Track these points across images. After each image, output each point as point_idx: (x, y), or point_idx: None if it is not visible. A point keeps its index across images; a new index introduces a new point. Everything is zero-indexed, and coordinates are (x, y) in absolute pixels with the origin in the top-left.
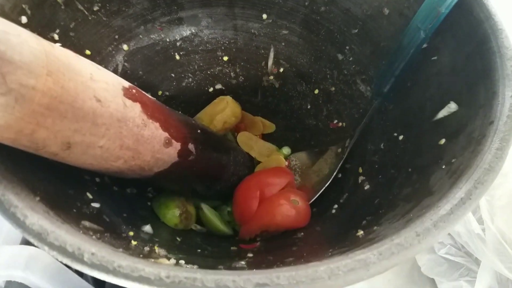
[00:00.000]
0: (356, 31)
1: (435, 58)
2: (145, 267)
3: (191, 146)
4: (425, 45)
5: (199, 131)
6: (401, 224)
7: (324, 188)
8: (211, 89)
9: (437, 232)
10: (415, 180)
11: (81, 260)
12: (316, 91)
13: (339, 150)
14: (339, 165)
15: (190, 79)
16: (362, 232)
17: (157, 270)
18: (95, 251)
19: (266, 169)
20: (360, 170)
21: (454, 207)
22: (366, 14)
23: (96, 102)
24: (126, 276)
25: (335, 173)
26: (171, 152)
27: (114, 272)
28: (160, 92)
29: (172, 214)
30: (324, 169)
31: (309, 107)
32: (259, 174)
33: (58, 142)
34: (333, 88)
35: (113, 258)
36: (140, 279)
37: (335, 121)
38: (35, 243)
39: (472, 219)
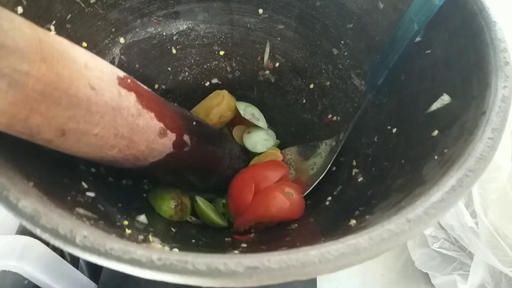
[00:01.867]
0: (351, 25)
1: (429, 51)
2: (137, 250)
3: (186, 138)
4: (419, 39)
5: (194, 123)
6: (392, 212)
7: (318, 181)
8: (207, 84)
9: (428, 218)
10: (408, 171)
11: (73, 243)
12: (312, 86)
13: (333, 143)
14: (333, 158)
15: (187, 73)
16: (354, 221)
17: (148, 253)
18: (87, 234)
19: (262, 163)
20: (354, 163)
21: (445, 194)
22: (361, 9)
23: (91, 90)
24: (118, 259)
25: (329, 166)
26: (166, 143)
27: (106, 255)
28: (156, 86)
29: (168, 205)
30: (318, 162)
31: (304, 101)
32: (255, 167)
33: (52, 129)
34: (328, 83)
35: (105, 241)
36: (132, 262)
37: (330, 116)
38: (28, 226)
39: (466, 213)
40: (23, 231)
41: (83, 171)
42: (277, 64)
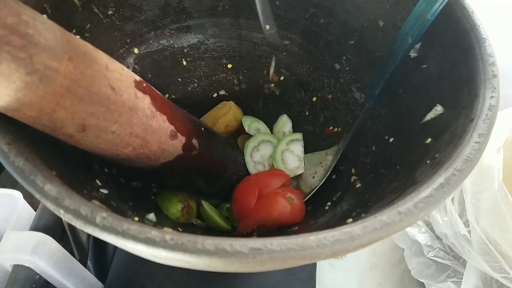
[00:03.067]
0: (352, 42)
1: (425, 66)
2: (152, 230)
3: (195, 142)
4: (415, 55)
5: (203, 129)
6: (386, 208)
7: (318, 186)
8: (215, 95)
9: (418, 211)
10: (402, 176)
11: (93, 223)
12: (314, 99)
13: (333, 153)
14: (332, 166)
15: (196, 84)
16: (351, 219)
17: (162, 233)
18: (106, 215)
19: (265, 171)
20: (353, 171)
21: (434, 191)
22: (363, 26)
23: (110, 89)
24: (134, 238)
25: (328, 174)
26: (176, 145)
27: (123, 234)
28: (167, 95)
29: (175, 207)
30: (319, 171)
31: (307, 113)
32: (258, 175)
33: (74, 124)
34: (330, 96)
35: (122, 222)
36: (147, 241)
37: (331, 127)
38: (52, 208)
39: (459, 222)
40: (36, 228)
41: (97, 170)
42: (282, 78)
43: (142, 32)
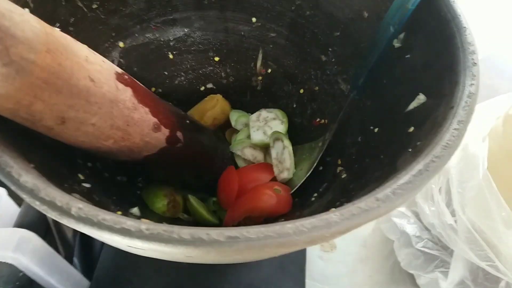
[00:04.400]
0: (338, 33)
1: (409, 56)
2: (127, 221)
3: (179, 134)
4: (399, 45)
5: (188, 121)
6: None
7: (305, 178)
8: (202, 88)
9: (395, 198)
10: (385, 165)
11: (68, 214)
12: (302, 91)
13: (320, 144)
14: (319, 157)
15: (183, 78)
16: (333, 209)
17: (137, 224)
18: (82, 206)
19: (252, 165)
20: (339, 162)
21: (412, 177)
22: (348, 18)
23: (90, 81)
24: (109, 228)
25: (315, 165)
26: (160, 137)
27: (99, 224)
28: (153, 89)
29: (160, 202)
30: (306, 163)
31: (295, 106)
32: (245, 168)
33: (53, 116)
34: (316, 88)
35: (98, 212)
36: (122, 231)
37: (318, 119)
38: (28, 199)
39: (446, 211)
40: (20, 225)
41: (80, 164)
42: (269, 70)
43: (128, 26)
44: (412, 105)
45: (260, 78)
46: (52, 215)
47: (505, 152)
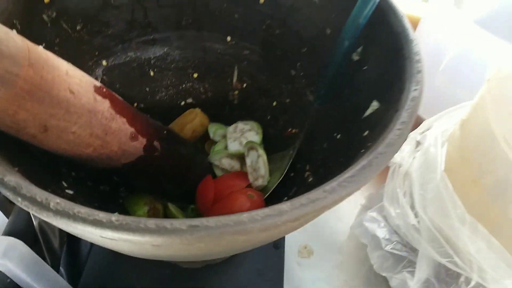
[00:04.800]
0: (305, 50)
1: (366, 67)
2: (100, 213)
3: (156, 143)
4: (358, 58)
5: (165, 132)
6: None
7: (276, 184)
8: (182, 103)
9: (341, 189)
10: (343, 166)
11: (47, 208)
12: (274, 103)
13: (290, 152)
14: (289, 165)
15: (163, 93)
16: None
17: (108, 216)
18: (59, 201)
19: (229, 173)
20: (308, 167)
21: (356, 171)
22: (313, 35)
23: (70, 93)
24: (83, 220)
25: (286, 172)
26: (137, 146)
27: (74, 217)
28: (135, 104)
29: (141, 209)
30: (279, 170)
31: (269, 117)
32: (222, 177)
33: (36, 124)
34: (288, 100)
35: (74, 206)
36: (95, 222)
37: (289, 129)
38: (10, 197)
39: (410, 213)
40: (8, 234)
41: (64, 173)
42: (244, 85)
43: (110, 46)
44: (368, 112)
45: (236, 92)
46: (32, 210)
47: (461, 155)
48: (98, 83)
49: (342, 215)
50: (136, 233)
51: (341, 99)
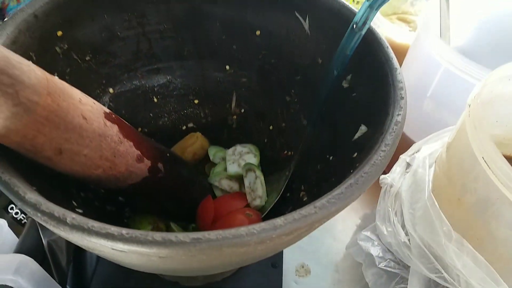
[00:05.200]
0: (299, 77)
1: (355, 94)
2: (112, 227)
3: (160, 165)
4: (347, 85)
5: (168, 154)
6: None
7: (273, 203)
8: (184, 127)
9: (330, 206)
10: (334, 185)
11: (64, 222)
12: (271, 127)
13: (286, 173)
14: (284, 185)
15: (166, 119)
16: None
17: (120, 229)
18: (75, 216)
19: (228, 194)
20: (303, 188)
21: (344, 189)
22: (306, 64)
23: (83, 119)
24: (97, 233)
25: (282, 193)
26: (143, 168)
27: (88, 230)
28: (139, 129)
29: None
30: (276, 190)
31: (266, 140)
32: (221, 197)
33: (52, 148)
34: (283, 124)
35: (88, 221)
36: (107, 235)
37: (285, 151)
38: (31, 213)
39: (401, 231)
40: (19, 252)
41: (74, 193)
42: (242, 110)
43: (117, 75)
44: (357, 135)
45: (235, 117)
46: (51, 224)
47: (447, 176)
48: (107, 110)
49: (338, 235)
50: (144, 245)
51: (333, 123)
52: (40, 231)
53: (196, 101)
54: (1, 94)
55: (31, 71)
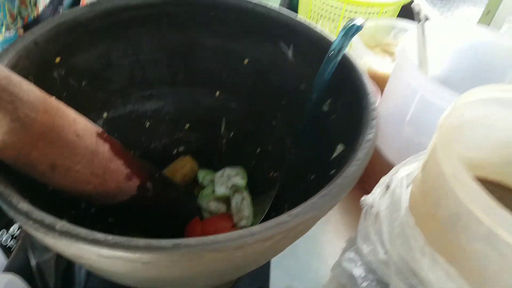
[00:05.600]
0: (284, 102)
1: (334, 116)
2: (98, 234)
3: (149, 184)
4: (327, 108)
5: (157, 175)
6: None
7: (259, 222)
8: (175, 151)
9: (304, 213)
10: None
11: (53, 229)
12: (258, 150)
13: (271, 193)
14: (269, 205)
15: (158, 143)
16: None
17: (105, 235)
18: (64, 224)
19: (215, 215)
20: (286, 207)
21: (317, 199)
22: (290, 89)
23: (76, 136)
24: (84, 239)
25: (267, 212)
26: (132, 185)
27: (76, 236)
28: (132, 152)
29: None
30: (261, 211)
31: (254, 163)
32: (208, 218)
33: (46, 162)
34: (270, 147)
35: (75, 228)
36: (93, 241)
37: (271, 173)
38: (23, 220)
39: (380, 249)
40: (8, 270)
41: (64, 210)
42: (231, 134)
43: (111, 100)
44: (335, 154)
45: (224, 141)
46: (41, 231)
47: (422, 194)
48: (100, 129)
49: (325, 258)
50: (128, 250)
51: (314, 144)
52: (29, 252)
53: (187, 126)
54: (1, 109)
55: (30, 90)
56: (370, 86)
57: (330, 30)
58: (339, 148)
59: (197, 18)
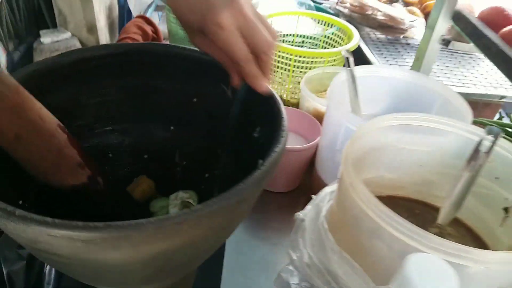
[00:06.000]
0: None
1: (262, 141)
2: (48, 218)
3: (100, 179)
4: (257, 135)
5: (110, 177)
6: None
7: None
8: (134, 179)
9: (212, 204)
10: None
11: (14, 214)
12: (207, 175)
13: None
14: None
15: (120, 172)
16: None
17: (53, 219)
18: (22, 211)
19: None
20: None
21: (219, 200)
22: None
23: (40, 119)
24: (36, 221)
25: None
26: (83, 174)
27: (30, 220)
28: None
29: None
30: None
31: (202, 187)
32: None
33: (13, 131)
34: (215, 172)
35: (30, 214)
36: (43, 222)
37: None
38: None
39: (305, 254)
40: None
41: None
42: (184, 163)
43: (79, 133)
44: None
45: (178, 169)
46: (3, 217)
47: (337, 204)
48: (60, 124)
49: (271, 275)
50: (69, 229)
51: (248, 163)
52: (1, 262)
53: (145, 156)
54: None
55: (7, 77)
56: (285, 113)
57: (283, 78)
58: (260, 162)
59: (154, 65)
